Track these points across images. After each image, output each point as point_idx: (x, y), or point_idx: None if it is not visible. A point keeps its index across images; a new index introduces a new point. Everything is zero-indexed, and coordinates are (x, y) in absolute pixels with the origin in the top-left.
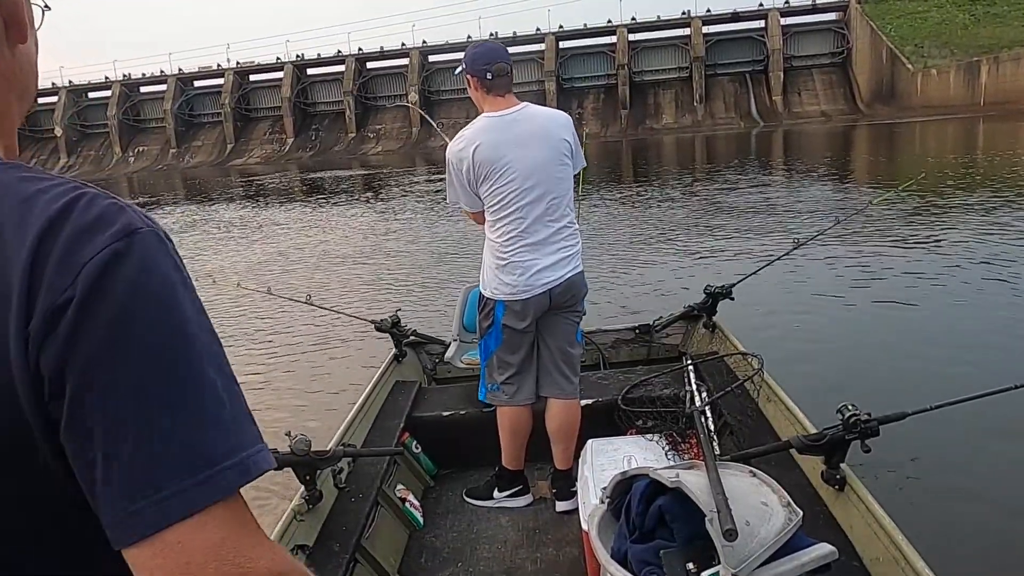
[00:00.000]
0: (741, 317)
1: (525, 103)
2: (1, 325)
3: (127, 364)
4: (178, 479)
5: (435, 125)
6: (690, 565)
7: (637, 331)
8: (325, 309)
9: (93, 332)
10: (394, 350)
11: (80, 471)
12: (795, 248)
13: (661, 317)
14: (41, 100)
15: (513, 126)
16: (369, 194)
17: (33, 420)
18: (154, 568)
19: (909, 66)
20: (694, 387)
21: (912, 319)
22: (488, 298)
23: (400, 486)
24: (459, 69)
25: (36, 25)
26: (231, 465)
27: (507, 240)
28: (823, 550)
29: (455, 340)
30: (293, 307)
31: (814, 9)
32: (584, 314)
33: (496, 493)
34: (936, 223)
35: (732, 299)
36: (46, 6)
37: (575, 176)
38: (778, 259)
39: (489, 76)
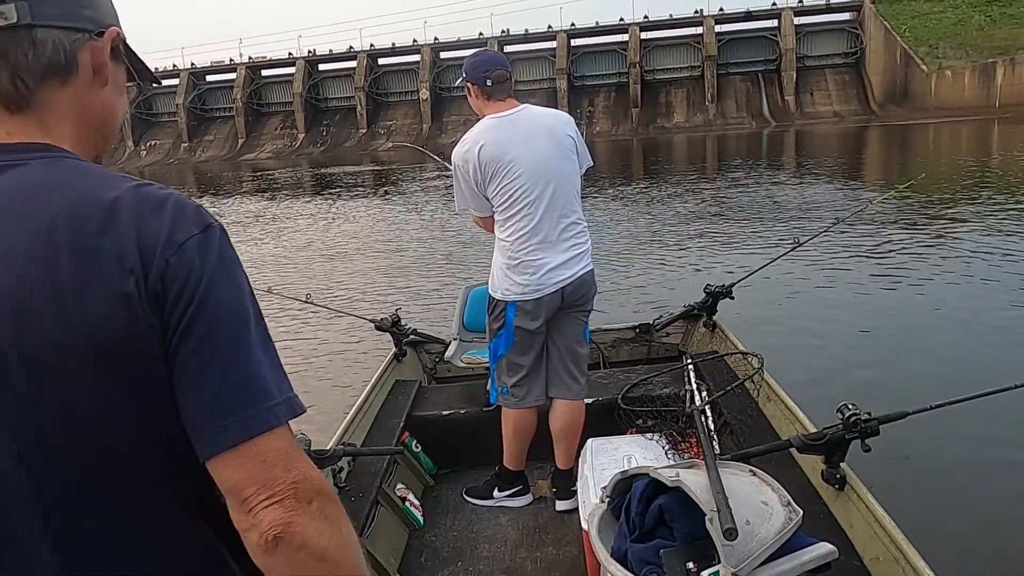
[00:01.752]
0: (741, 316)
1: (525, 104)
2: (122, 274)
3: (231, 306)
4: (267, 399)
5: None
6: (690, 564)
7: (637, 330)
8: (325, 308)
9: (208, 276)
10: (394, 349)
11: (185, 379)
12: (795, 247)
13: (661, 316)
14: None
15: (516, 125)
16: (377, 190)
17: (149, 327)
18: (242, 469)
19: (923, 67)
20: (694, 386)
21: (912, 318)
22: (499, 300)
23: (400, 485)
24: (460, 80)
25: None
26: (286, 400)
27: (517, 239)
28: (823, 549)
29: (455, 339)
30: (292, 305)
31: (828, 9)
32: (592, 310)
33: (496, 492)
34: (939, 224)
35: (732, 298)
36: (153, 83)
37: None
38: (778, 258)
39: (489, 83)
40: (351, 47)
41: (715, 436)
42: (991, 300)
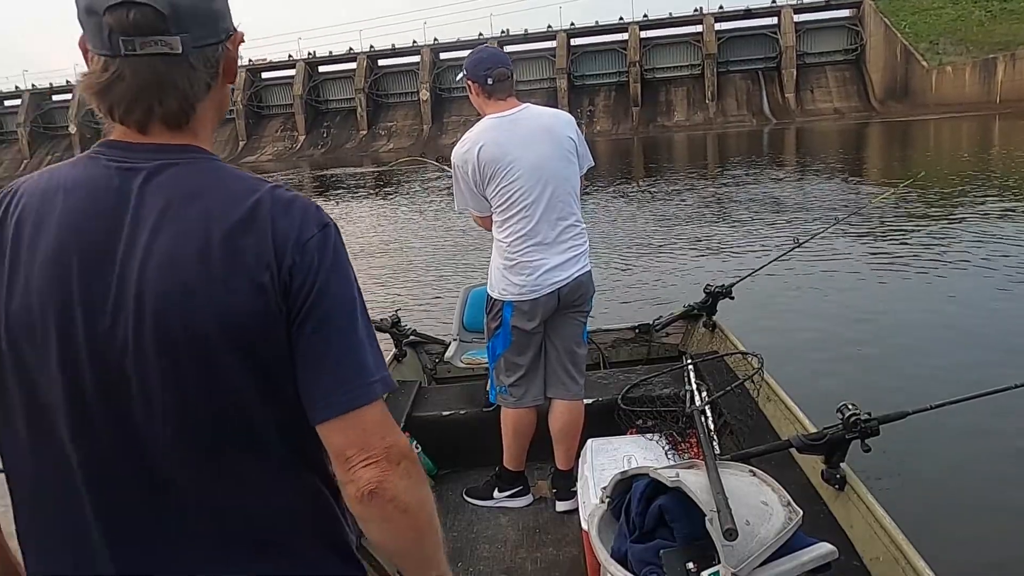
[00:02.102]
0: (741, 316)
1: (526, 104)
2: (260, 268)
3: (343, 297)
4: (369, 376)
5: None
6: (690, 565)
7: (637, 331)
8: None
9: (325, 270)
10: (394, 350)
11: (304, 357)
12: (795, 247)
13: (661, 316)
14: (56, 98)
15: (516, 125)
16: (378, 192)
17: (279, 313)
18: (347, 434)
19: (924, 63)
20: (694, 386)
21: (912, 317)
22: (496, 299)
23: None
24: (460, 75)
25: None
26: (383, 378)
27: (515, 240)
28: (823, 549)
29: (455, 340)
30: None
31: (827, 6)
32: (590, 311)
33: (496, 493)
34: (939, 223)
35: (732, 298)
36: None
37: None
38: (777, 259)
39: (490, 81)
40: (351, 49)
41: (715, 436)
42: (991, 299)
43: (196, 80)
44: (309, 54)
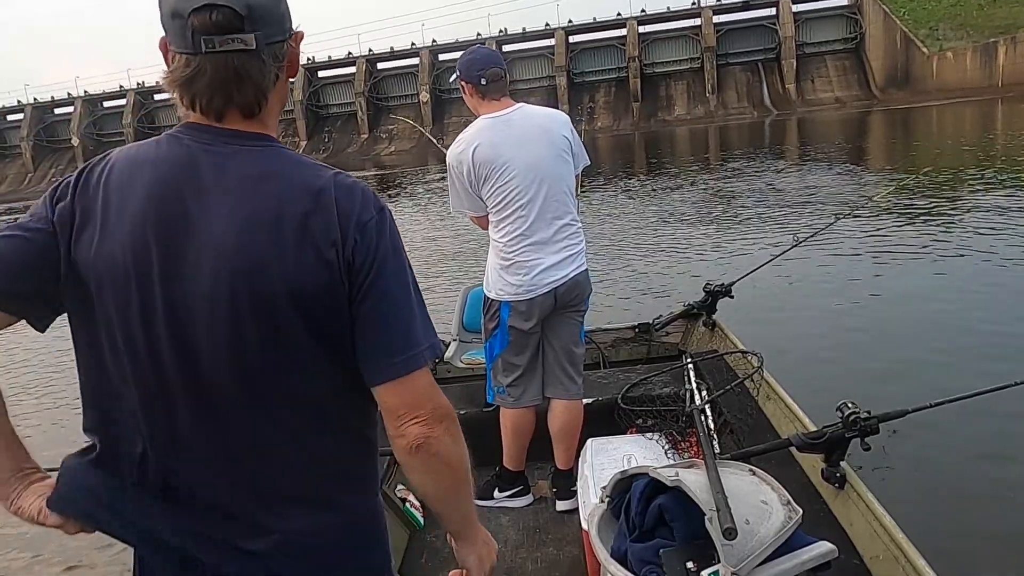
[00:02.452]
0: (741, 315)
1: (520, 103)
2: (327, 245)
3: (398, 273)
4: (419, 345)
5: (432, 139)
6: (690, 564)
7: (637, 330)
8: None
9: (382, 250)
10: None
11: (363, 326)
12: (794, 246)
13: (661, 316)
14: (57, 111)
15: (511, 125)
16: (381, 194)
17: (342, 286)
18: (401, 396)
19: (924, 49)
20: (694, 385)
21: (912, 316)
22: (493, 300)
23: (400, 486)
24: (454, 76)
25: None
26: (431, 345)
27: (511, 240)
28: (823, 548)
29: (454, 340)
30: None
31: None
32: (587, 310)
33: (496, 493)
34: (940, 218)
35: (732, 297)
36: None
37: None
38: (777, 257)
39: (483, 82)
40: (349, 52)
41: (715, 435)
42: (992, 297)
43: (267, 72)
44: (308, 59)
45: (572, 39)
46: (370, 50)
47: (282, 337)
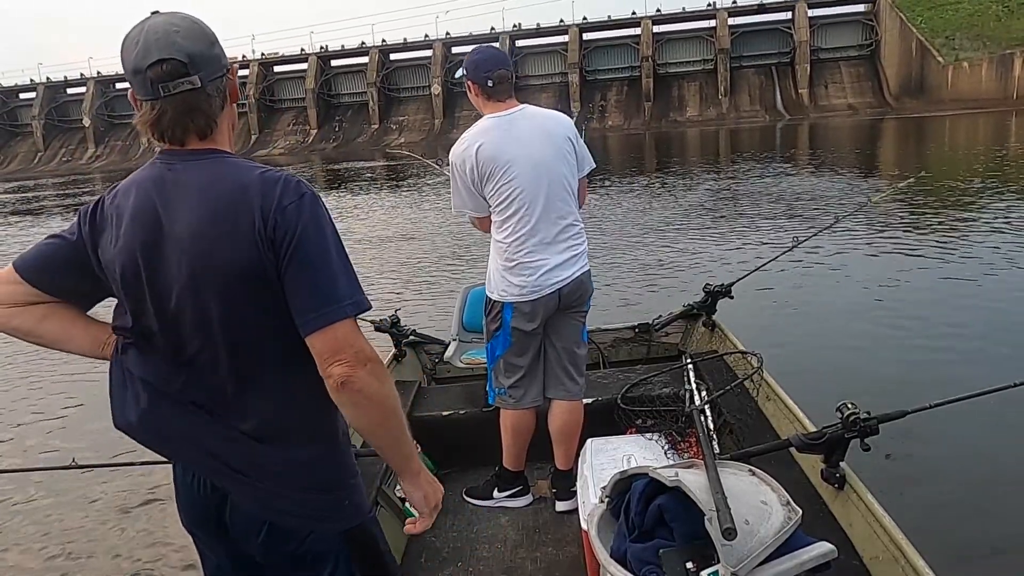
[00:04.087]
0: (740, 315)
1: (524, 104)
2: (252, 228)
3: (317, 242)
4: (340, 301)
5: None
6: (689, 564)
7: (636, 330)
8: None
9: (301, 226)
10: (393, 350)
11: (290, 289)
12: (794, 247)
13: (660, 316)
14: (70, 91)
15: (514, 125)
16: (388, 186)
17: (268, 262)
18: (324, 343)
19: (940, 59)
20: (693, 386)
21: (912, 316)
22: (495, 301)
23: (400, 486)
24: (459, 73)
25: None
26: (354, 301)
27: (514, 240)
28: (822, 549)
29: (455, 339)
30: None
31: (842, 0)
32: (588, 310)
33: (496, 493)
34: (941, 221)
35: (731, 297)
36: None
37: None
38: (777, 258)
39: (490, 84)
40: (363, 43)
41: (714, 436)
42: (992, 298)
43: (213, 103)
44: (321, 48)
45: (586, 36)
46: (383, 41)
47: (236, 307)
